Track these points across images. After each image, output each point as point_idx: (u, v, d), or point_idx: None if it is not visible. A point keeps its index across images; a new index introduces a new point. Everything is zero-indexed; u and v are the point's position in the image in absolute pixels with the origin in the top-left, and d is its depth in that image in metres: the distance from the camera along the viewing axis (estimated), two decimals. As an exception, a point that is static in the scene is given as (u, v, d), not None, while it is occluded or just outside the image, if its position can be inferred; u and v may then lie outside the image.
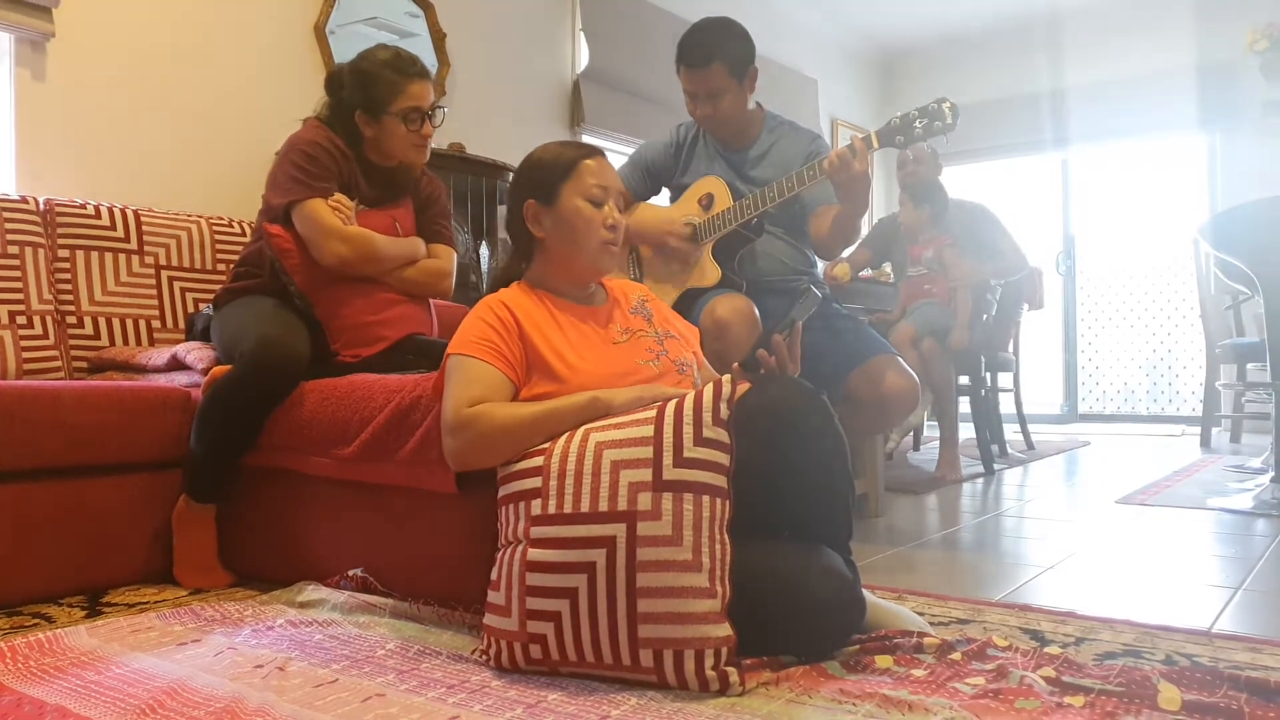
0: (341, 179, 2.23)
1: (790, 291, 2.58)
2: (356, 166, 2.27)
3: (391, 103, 2.22)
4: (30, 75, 2.76)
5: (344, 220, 2.17)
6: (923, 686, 1.30)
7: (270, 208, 2.21)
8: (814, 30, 6.54)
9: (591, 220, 1.66)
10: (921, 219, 4.07)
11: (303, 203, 2.14)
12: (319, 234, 2.14)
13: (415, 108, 2.24)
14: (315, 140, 2.20)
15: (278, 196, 2.18)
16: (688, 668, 1.29)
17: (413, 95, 2.23)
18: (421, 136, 2.27)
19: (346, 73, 2.27)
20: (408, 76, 2.23)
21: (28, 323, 2.38)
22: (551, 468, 1.42)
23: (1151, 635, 1.60)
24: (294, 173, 2.16)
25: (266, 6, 3.37)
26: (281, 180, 2.18)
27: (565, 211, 1.67)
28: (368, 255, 2.18)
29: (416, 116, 2.25)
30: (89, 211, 2.58)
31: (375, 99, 2.22)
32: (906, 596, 1.88)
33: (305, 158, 2.17)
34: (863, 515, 2.89)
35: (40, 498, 1.94)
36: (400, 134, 2.24)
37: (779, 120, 2.70)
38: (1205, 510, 2.98)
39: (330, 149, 2.21)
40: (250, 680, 1.39)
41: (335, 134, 2.24)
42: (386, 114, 2.22)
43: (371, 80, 2.22)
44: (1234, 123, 6.04)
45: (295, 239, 2.17)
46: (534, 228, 1.69)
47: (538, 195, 1.68)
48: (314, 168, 2.17)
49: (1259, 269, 3.14)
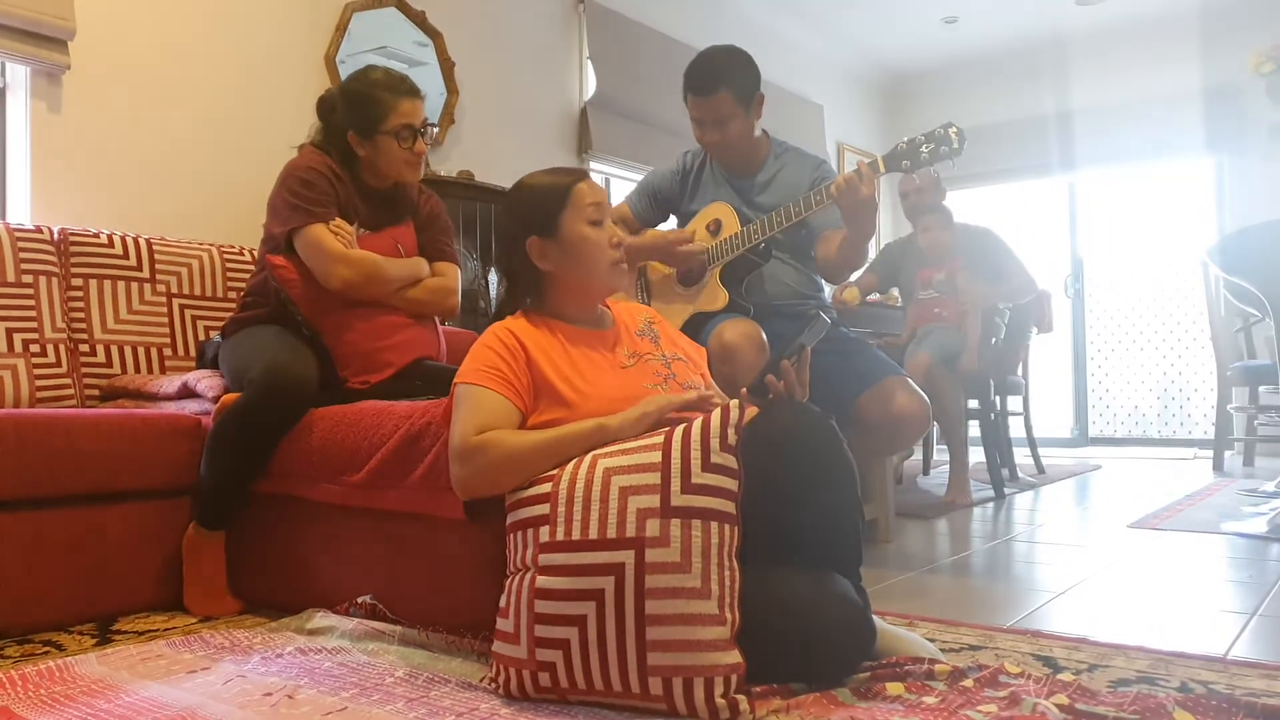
0: (339, 203, 2.24)
1: (798, 316, 2.58)
2: (353, 189, 2.28)
3: (384, 121, 2.23)
4: (46, 107, 2.80)
5: (345, 244, 2.18)
6: (934, 714, 1.29)
7: (272, 236, 2.23)
8: (820, 56, 6.59)
9: (598, 244, 1.67)
10: (946, 241, 4.02)
11: (304, 229, 2.16)
12: (322, 259, 2.15)
13: (407, 125, 2.25)
14: (311, 165, 2.22)
15: (278, 225, 2.20)
16: (697, 696, 1.29)
17: (404, 113, 2.24)
18: (414, 154, 2.28)
19: (338, 95, 2.29)
20: (399, 94, 2.25)
21: (41, 351, 2.40)
22: (560, 494, 1.42)
23: (1166, 662, 1.59)
24: (292, 200, 2.18)
25: (278, 37, 3.42)
26: (281, 208, 2.20)
27: (569, 240, 1.67)
28: (372, 277, 2.19)
29: (408, 134, 2.26)
30: (102, 240, 2.61)
31: (367, 119, 2.23)
32: (917, 622, 1.86)
33: (302, 184, 2.18)
34: (872, 541, 2.88)
35: (51, 525, 1.95)
36: (394, 152, 2.25)
37: (785, 146, 2.72)
38: (1219, 534, 2.95)
39: (326, 173, 2.22)
40: (259, 708, 1.39)
41: (330, 158, 2.26)
42: (379, 133, 2.24)
43: (363, 100, 2.24)
44: (1241, 145, 6.05)
45: (298, 267, 2.19)
46: (541, 263, 1.68)
47: (538, 230, 1.67)
48: (312, 193, 2.18)
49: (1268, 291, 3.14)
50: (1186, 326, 6.63)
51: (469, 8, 4.16)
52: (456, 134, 4.05)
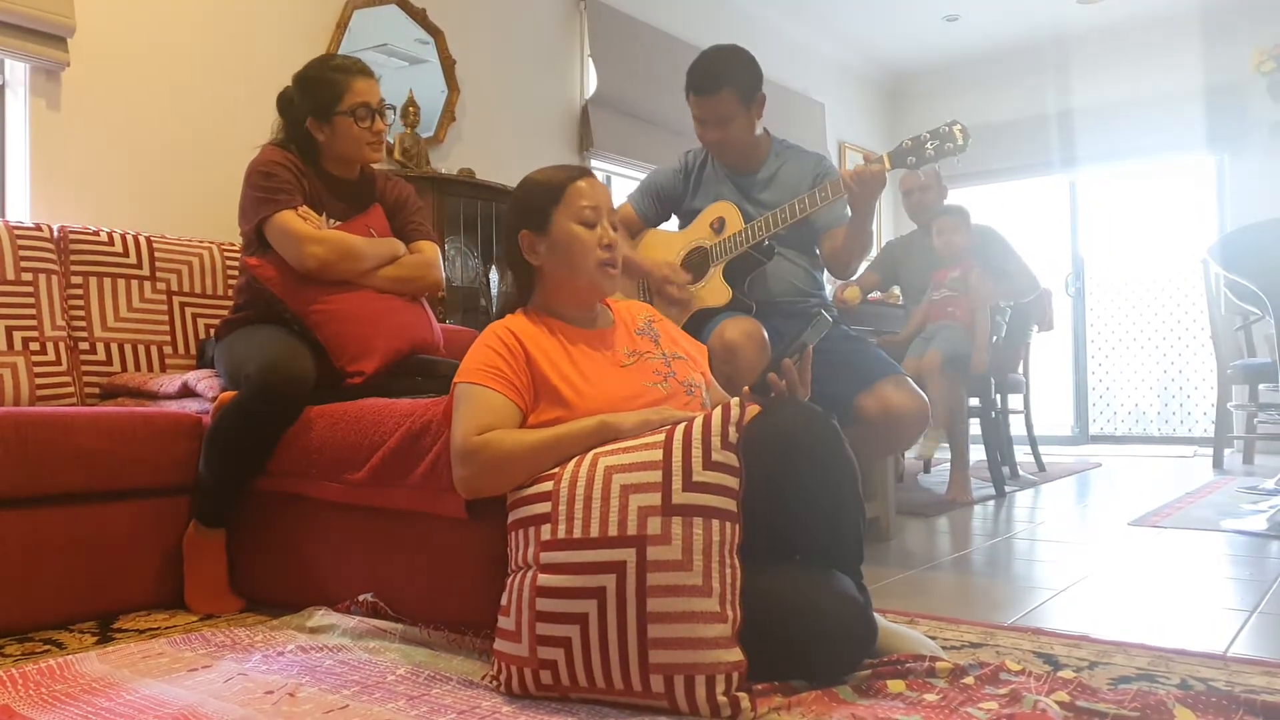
0: (305, 195, 2.24)
1: (800, 314, 2.58)
2: (318, 182, 2.29)
3: (339, 101, 2.24)
4: (45, 104, 2.79)
5: (315, 226, 2.19)
6: (935, 711, 1.29)
7: (246, 237, 2.25)
8: (821, 54, 6.59)
9: (585, 242, 1.66)
10: (963, 244, 3.96)
11: (270, 217, 2.16)
12: (293, 242, 2.15)
13: (363, 104, 2.26)
14: (270, 159, 2.23)
15: (247, 222, 2.21)
16: (699, 693, 1.29)
17: (358, 91, 2.25)
18: (374, 133, 2.29)
19: (293, 86, 2.31)
20: (351, 74, 2.26)
21: (41, 349, 2.40)
22: (561, 493, 1.42)
23: (1166, 659, 1.59)
24: (256, 194, 2.19)
25: (278, 34, 3.42)
26: (246, 206, 2.22)
27: (559, 237, 1.67)
28: (345, 253, 2.19)
29: (366, 113, 2.26)
30: (102, 238, 2.61)
31: (323, 101, 2.24)
32: (918, 620, 1.86)
33: (263, 176, 2.20)
34: (874, 538, 2.88)
35: (52, 523, 1.95)
36: (353, 133, 2.26)
37: (785, 144, 2.73)
38: (1219, 532, 2.95)
39: (288, 165, 2.23)
40: (261, 706, 1.39)
41: (290, 153, 2.27)
42: (336, 114, 2.24)
43: (316, 84, 2.26)
44: (1242, 143, 6.05)
45: (276, 264, 2.19)
46: (530, 257, 1.69)
47: (530, 224, 1.69)
48: (273, 183, 2.19)
49: (1269, 290, 3.14)
50: (1187, 325, 6.63)
51: (470, 5, 4.15)
52: (457, 132, 4.04)
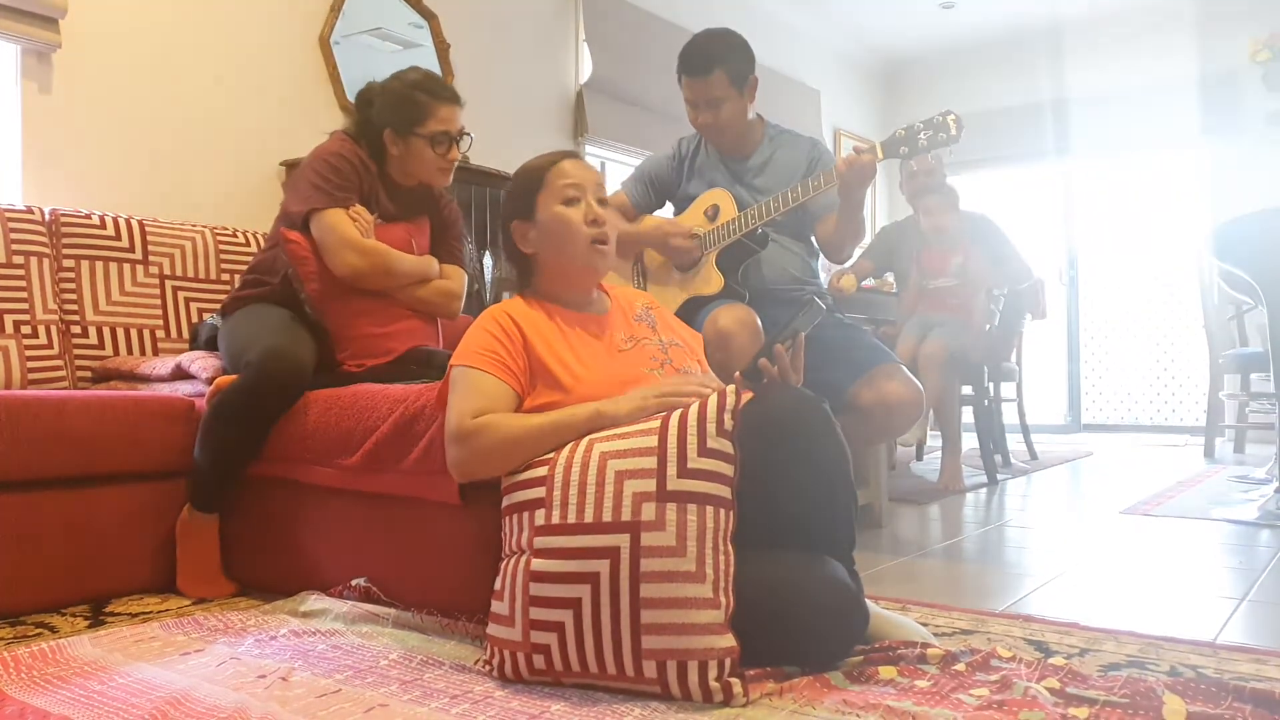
0: (362, 193, 2.24)
1: (793, 301, 2.57)
2: (379, 182, 2.29)
3: (420, 124, 2.24)
4: (36, 87, 2.77)
5: (362, 232, 2.18)
6: (927, 698, 1.30)
7: (288, 214, 2.22)
8: (817, 41, 6.57)
9: (571, 222, 1.66)
10: (949, 224, 3.95)
11: (322, 211, 2.16)
12: (336, 243, 2.15)
13: (444, 131, 2.26)
14: (339, 152, 2.22)
15: (297, 204, 2.19)
16: (691, 678, 1.29)
17: (442, 119, 2.25)
18: (447, 160, 2.29)
19: (377, 91, 2.29)
20: (438, 100, 2.25)
21: (32, 332, 2.39)
22: (555, 478, 1.42)
23: (1156, 646, 1.60)
24: (316, 180, 2.18)
25: (271, 18, 3.39)
26: (303, 188, 2.20)
27: (545, 221, 1.67)
28: (382, 269, 2.19)
29: (444, 140, 2.27)
30: (94, 222, 2.59)
31: (404, 119, 2.24)
32: (910, 607, 1.87)
33: (329, 168, 2.19)
34: (866, 525, 2.89)
35: (44, 507, 1.95)
36: (426, 156, 2.26)
37: (779, 130, 2.73)
38: (1209, 521, 2.97)
39: (354, 161, 2.23)
40: (253, 690, 1.39)
41: (360, 149, 2.26)
42: (414, 135, 2.24)
43: (402, 100, 2.25)
44: (1236, 133, 6.05)
45: (312, 247, 2.18)
46: (523, 245, 1.70)
47: (519, 213, 1.70)
48: (336, 178, 2.18)
49: (1262, 279, 3.14)
50: (1180, 314, 6.64)
51: (464, -11, 4.13)
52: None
